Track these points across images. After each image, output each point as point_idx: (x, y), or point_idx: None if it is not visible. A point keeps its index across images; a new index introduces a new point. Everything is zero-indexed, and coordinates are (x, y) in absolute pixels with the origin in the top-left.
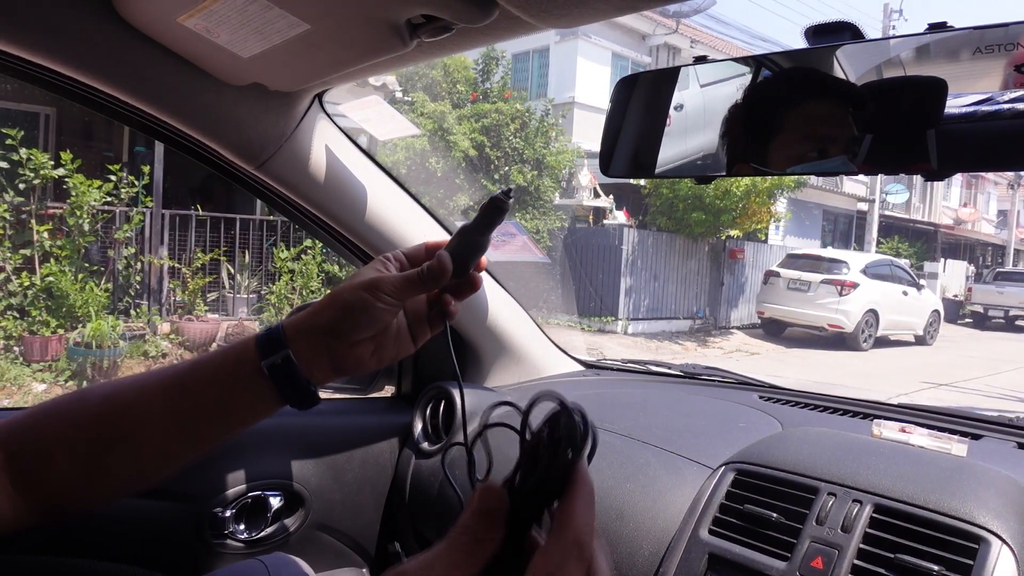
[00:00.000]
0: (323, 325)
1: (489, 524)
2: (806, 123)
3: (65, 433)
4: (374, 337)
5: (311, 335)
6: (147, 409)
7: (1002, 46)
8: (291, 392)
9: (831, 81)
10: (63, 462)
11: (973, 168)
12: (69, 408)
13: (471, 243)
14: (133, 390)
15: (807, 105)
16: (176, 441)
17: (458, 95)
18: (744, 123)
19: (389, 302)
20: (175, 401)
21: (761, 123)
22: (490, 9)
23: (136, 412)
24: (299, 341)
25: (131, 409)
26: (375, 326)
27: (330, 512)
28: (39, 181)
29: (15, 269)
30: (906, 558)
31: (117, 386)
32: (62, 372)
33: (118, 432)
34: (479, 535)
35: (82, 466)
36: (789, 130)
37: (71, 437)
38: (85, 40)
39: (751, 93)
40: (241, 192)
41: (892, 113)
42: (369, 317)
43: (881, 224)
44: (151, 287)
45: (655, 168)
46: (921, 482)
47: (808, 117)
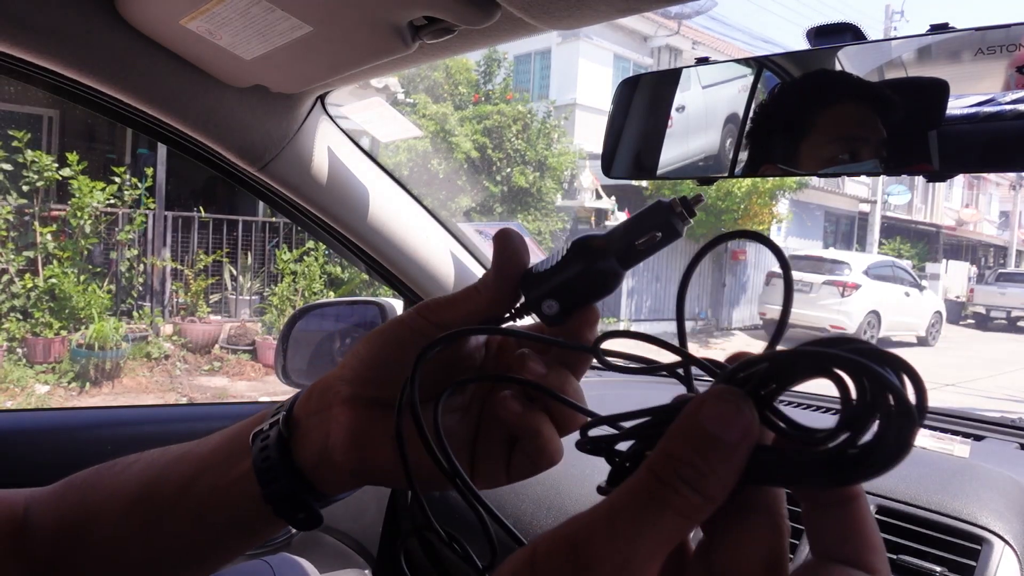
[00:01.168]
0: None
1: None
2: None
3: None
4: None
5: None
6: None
7: (1004, 47)
8: (295, 513)
9: (835, 82)
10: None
11: (975, 169)
12: (102, 476)
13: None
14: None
15: (810, 106)
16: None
17: (460, 97)
18: (746, 124)
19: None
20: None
21: (763, 124)
22: (492, 11)
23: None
24: (306, 403)
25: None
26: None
27: (332, 513)
28: (42, 183)
29: (18, 271)
30: (908, 559)
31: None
32: (65, 374)
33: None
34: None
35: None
36: (791, 131)
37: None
38: (87, 42)
39: (754, 94)
40: (243, 194)
41: (894, 114)
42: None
43: (883, 225)
44: (153, 289)
45: (657, 169)
46: (923, 483)
47: (812, 118)
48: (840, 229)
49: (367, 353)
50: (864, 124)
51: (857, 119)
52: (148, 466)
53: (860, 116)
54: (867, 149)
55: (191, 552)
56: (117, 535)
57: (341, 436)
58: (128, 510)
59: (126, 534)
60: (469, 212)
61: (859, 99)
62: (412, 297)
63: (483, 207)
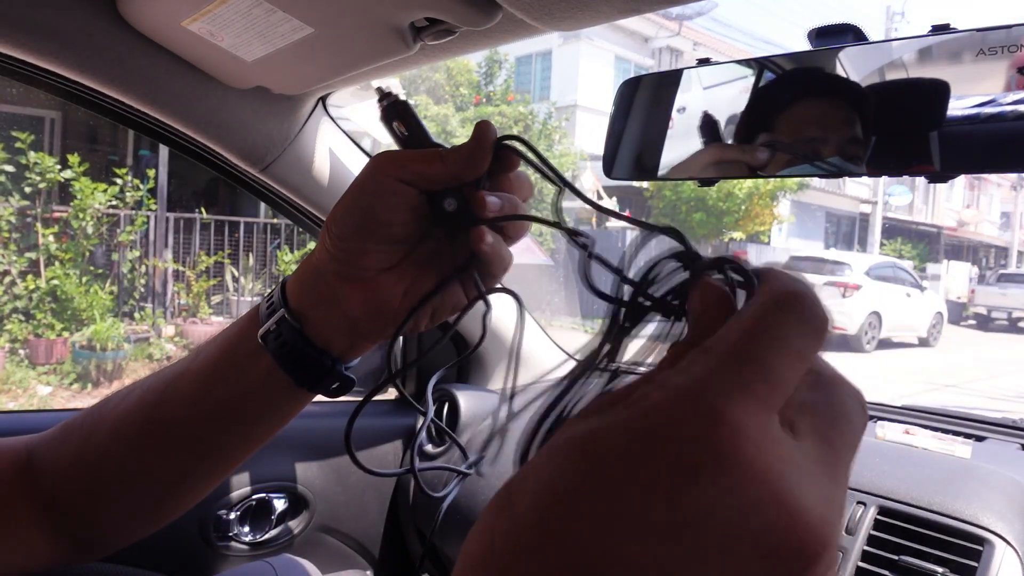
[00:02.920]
0: (324, 266)
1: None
2: (810, 125)
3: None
4: (400, 267)
5: (314, 286)
6: (184, 419)
7: (1005, 48)
8: (305, 371)
9: (837, 83)
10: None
11: (976, 170)
12: (104, 431)
13: None
14: (156, 399)
15: (812, 106)
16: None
17: (461, 98)
18: (748, 125)
19: (408, 175)
20: (182, 406)
21: (765, 125)
22: (493, 12)
23: (168, 423)
24: (302, 299)
25: (165, 421)
26: (392, 224)
27: (334, 514)
28: (44, 185)
29: (20, 272)
30: (910, 560)
31: (141, 400)
32: (67, 375)
33: (160, 448)
34: None
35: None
36: (793, 132)
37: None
38: (89, 43)
39: (755, 95)
40: (245, 195)
41: (895, 115)
42: (383, 209)
43: (884, 226)
44: (155, 290)
45: (658, 170)
46: (925, 484)
47: (813, 118)
48: (841, 230)
49: (344, 231)
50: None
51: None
52: (146, 392)
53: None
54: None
55: (206, 459)
56: (129, 466)
57: (363, 308)
58: (137, 440)
59: (138, 461)
60: None
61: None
62: None
63: None
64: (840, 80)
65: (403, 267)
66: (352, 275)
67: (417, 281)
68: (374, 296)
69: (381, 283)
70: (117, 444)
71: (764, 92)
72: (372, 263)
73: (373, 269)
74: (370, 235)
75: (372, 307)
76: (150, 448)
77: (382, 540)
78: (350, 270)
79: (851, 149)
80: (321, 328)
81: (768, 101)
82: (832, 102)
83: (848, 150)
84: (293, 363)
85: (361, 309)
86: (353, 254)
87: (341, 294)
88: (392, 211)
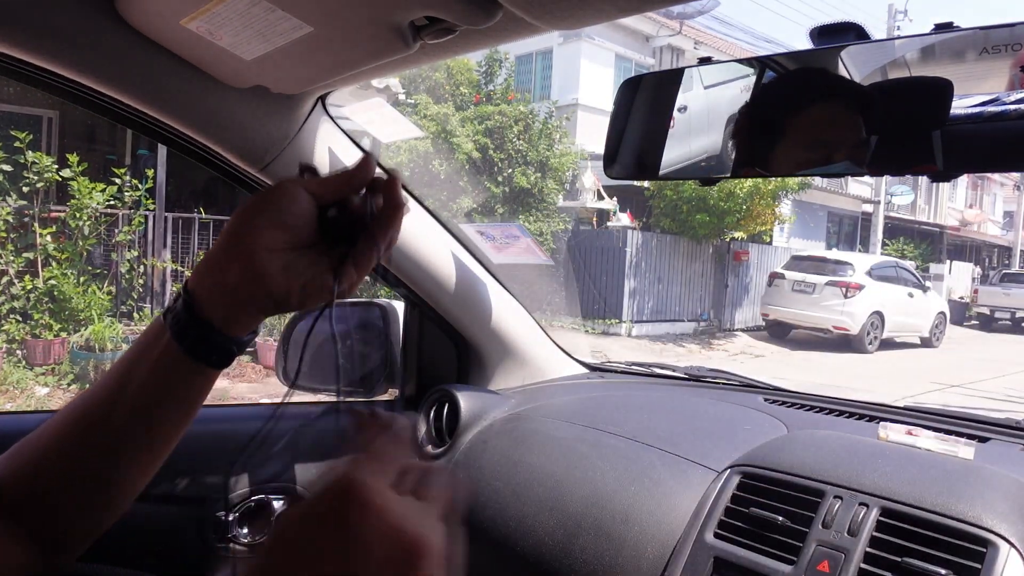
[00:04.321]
0: (216, 248)
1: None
2: (812, 125)
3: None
4: (283, 250)
5: (205, 266)
6: (107, 414)
7: (1008, 46)
8: (192, 341)
9: (838, 83)
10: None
11: (979, 169)
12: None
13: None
14: (86, 400)
15: (813, 107)
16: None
17: (461, 97)
18: (750, 125)
19: (307, 185)
20: (107, 394)
21: (767, 125)
22: (493, 11)
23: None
24: (196, 279)
25: (91, 417)
26: (280, 221)
27: None
28: (42, 184)
29: (18, 272)
30: (913, 562)
31: (73, 404)
32: (65, 375)
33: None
34: None
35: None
36: (795, 132)
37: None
38: (87, 43)
39: (757, 95)
40: (244, 195)
41: (898, 114)
42: (276, 206)
43: (886, 226)
44: (154, 290)
45: (659, 170)
46: (928, 485)
47: (814, 119)
48: (843, 230)
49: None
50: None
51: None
52: (79, 398)
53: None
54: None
55: (136, 447)
56: (74, 470)
57: (241, 275)
58: (76, 443)
59: (79, 463)
60: (470, 213)
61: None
62: (413, 298)
63: (484, 208)
64: (844, 82)
65: (285, 253)
66: (241, 251)
67: (296, 261)
68: (251, 264)
69: (262, 256)
70: (59, 452)
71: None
72: (262, 242)
73: (261, 247)
74: (266, 219)
75: (249, 274)
76: (88, 448)
77: None
78: (240, 246)
79: (858, 152)
80: (206, 301)
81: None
82: (838, 106)
83: (855, 153)
84: (183, 334)
85: (239, 275)
86: (247, 237)
87: (225, 266)
88: (290, 202)
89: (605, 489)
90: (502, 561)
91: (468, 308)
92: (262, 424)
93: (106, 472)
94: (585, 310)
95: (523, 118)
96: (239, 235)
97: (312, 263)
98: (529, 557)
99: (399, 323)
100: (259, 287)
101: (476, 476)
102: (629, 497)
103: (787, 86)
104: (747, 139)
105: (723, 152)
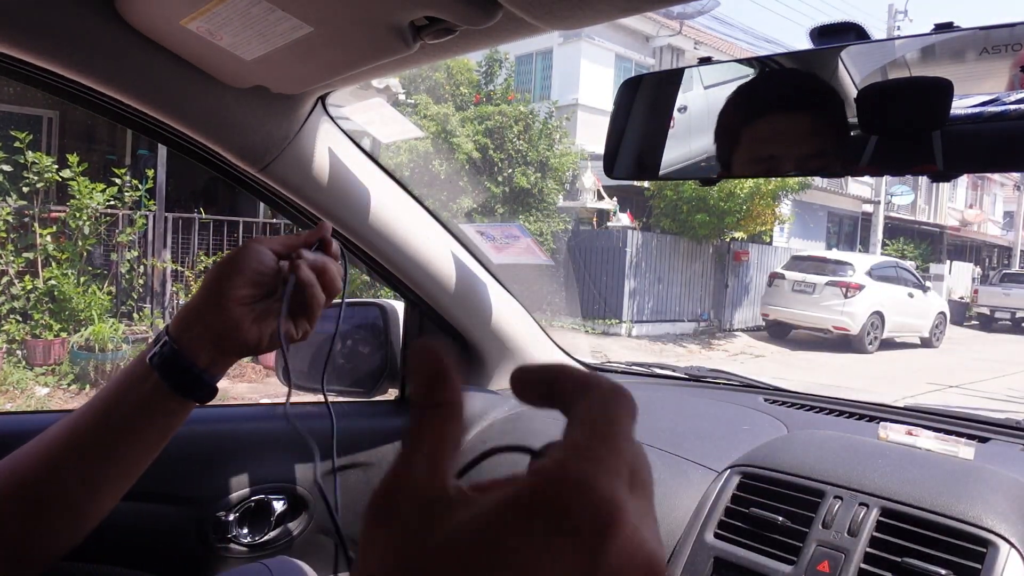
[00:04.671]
0: (197, 301)
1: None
2: (811, 126)
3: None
4: (253, 305)
5: (188, 317)
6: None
7: (1008, 46)
8: (179, 380)
9: (837, 83)
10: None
11: (979, 169)
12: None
13: None
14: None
15: (812, 107)
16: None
17: (461, 97)
18: (748, 125)
19: (271, 245)
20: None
21: (766, 125)
22: (493, 11)
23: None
24: (178, 327)
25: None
26: (250, 279)
27: None
28: (42, 184)
29: (18, 272)
30: (913, 562)
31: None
32: (65, 376)
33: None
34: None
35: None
36: (794, 132)
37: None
38: (87, 43)
39: (756, 95)
40: (244, 195)
41: (898, 114)
42: (246, 265)
43: (886, 226)
44: (154, 290)
45: (659, 170)
46: (928, 485)
47: (813, 119)
48: (843, 230)
49: (223, 276)
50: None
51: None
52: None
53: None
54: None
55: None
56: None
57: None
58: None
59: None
60: (470, 213)
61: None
62: (413, 298)
63: (484, 208)
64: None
65: (255, 305)
66: (221, 306)
67: (263, 315)
68: (231, 319)
69: (239, 311)
70: (37, 477)
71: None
72: (236, 297)
73: (236, 301)
74: (238, 277)
75: (231, 326)
76: (67, 473)
77: None
78: (219, 301)
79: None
80: (192, 347)
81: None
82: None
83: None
84: (170, 373)
85: (223, 328)
86: (225, 294)
87: (210, 320)
88: (258, 262)
89: None
90: None
91: (468, 308)
92: (262, 424)
93: (81, 496)
94: (585, 310)
95: (523, 118)
96: (218, 291)
97: (276, 313)
98: None
99: (399, 323)
100: (236, 335)
101: (476, 476)
102: None
103: (787, 86)
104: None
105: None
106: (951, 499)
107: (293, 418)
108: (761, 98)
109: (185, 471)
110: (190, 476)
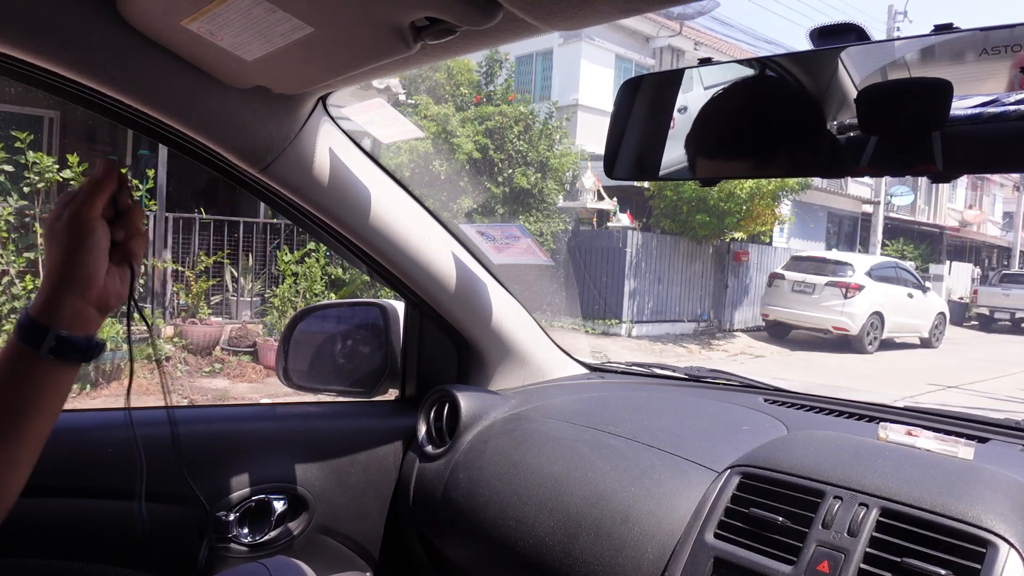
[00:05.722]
0: (50, 262)
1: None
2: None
3: None
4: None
5: (46, 283)
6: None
7: (1008, 47)
8: (38, 340)
9: (837, 84)
10: None
11: (979, 170)
12: None
13: None
14: None
15: (812, 108)
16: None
17: (462, 98)
18: (749, 125)
19: (84, 201)
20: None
21: (765, 125)
22: (494, 11)
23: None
24: (40, 295)
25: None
26: (81, 233)
27: (334, 516)
28: (43, 185)
29: (19, 272)
30: (913, 562)
31: None
32: None
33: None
34: None
35: None
36: (793, 132)
37: None
38: (88, 43)
39: (756, 96)
40: (244, 195)
41: (897, 115)
42: (74, 228)
43: (886, 226)
44: (155, 290)
45: (659, 170)
46: (928, 485)
47: (813, 120)
48: (843, 230)
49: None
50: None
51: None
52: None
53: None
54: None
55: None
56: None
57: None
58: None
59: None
60: (471, 213)
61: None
62: (413, 298)
63: (485, 208)
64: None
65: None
66: (77, 273)
67: (111, 274)
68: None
69: (92, 265)
70: None
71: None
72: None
73: (93, 268)
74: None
75: (91, 276)
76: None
77: (382, 542)
78: (75, 271)
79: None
80: (47, 311)
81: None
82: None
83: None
84: (30, 336)
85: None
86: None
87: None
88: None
89: (605, 489)
90: (502, 561)
91: (468, 308)
92: (262, 424)
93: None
94: (585, 310)
95: (523, 118)
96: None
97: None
98: (529, 557)
99: (399, 323)
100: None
101: (476, 476)
102: (629, 497)
103: (787, 87)
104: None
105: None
106: (951, 499)
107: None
108: (761, 99)
109: (185, 471)
110: (190, 476)
